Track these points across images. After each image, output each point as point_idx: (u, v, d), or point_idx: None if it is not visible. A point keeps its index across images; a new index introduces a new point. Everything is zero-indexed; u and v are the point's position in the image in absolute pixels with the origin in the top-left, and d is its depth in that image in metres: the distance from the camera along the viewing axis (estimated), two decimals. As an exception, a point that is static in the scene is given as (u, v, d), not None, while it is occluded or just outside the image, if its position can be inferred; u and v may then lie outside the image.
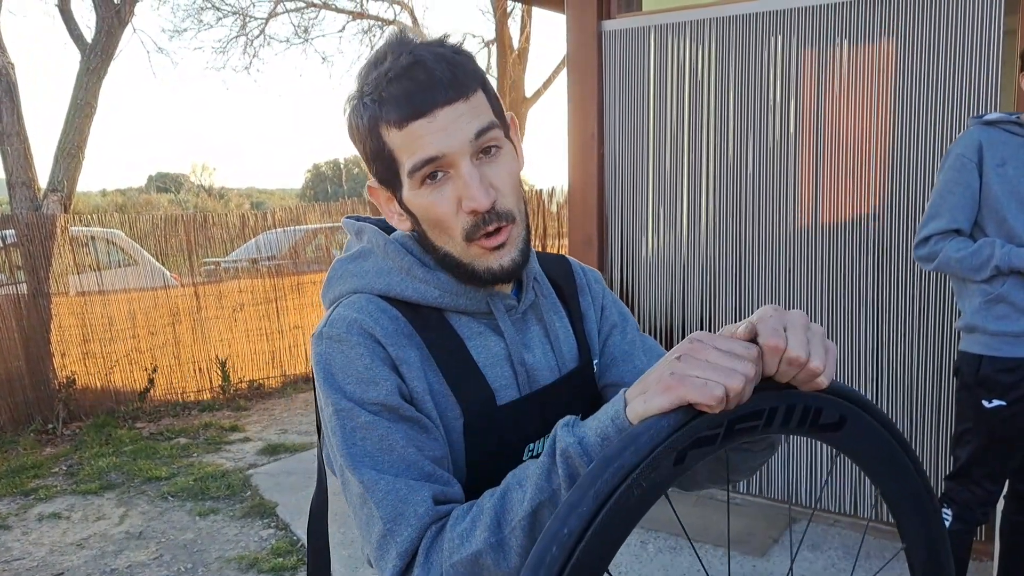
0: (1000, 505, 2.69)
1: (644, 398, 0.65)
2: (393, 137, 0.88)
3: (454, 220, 0.89)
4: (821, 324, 3.61)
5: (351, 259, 0.99)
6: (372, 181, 0.97)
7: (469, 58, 0.90)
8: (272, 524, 4.09)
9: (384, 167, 0.91)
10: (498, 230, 0.89)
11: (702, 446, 0.63)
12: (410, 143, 0.87)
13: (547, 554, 0.57)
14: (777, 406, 0.67)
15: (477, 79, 0.89)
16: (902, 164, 3.39)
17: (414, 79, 0.85)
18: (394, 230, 1.01)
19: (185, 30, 18.82)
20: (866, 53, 3.43)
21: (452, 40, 0.92)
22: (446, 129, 0.86)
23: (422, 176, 0.88)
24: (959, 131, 3.23)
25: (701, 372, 0.62)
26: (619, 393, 0.71)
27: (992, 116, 2.42)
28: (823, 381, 0.66)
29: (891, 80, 3.38)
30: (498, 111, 0.92)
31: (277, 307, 7.33)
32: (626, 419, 0.68)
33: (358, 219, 1.04)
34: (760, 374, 0.65)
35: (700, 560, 0.95)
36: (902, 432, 0.79)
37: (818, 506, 3.75)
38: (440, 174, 0.88)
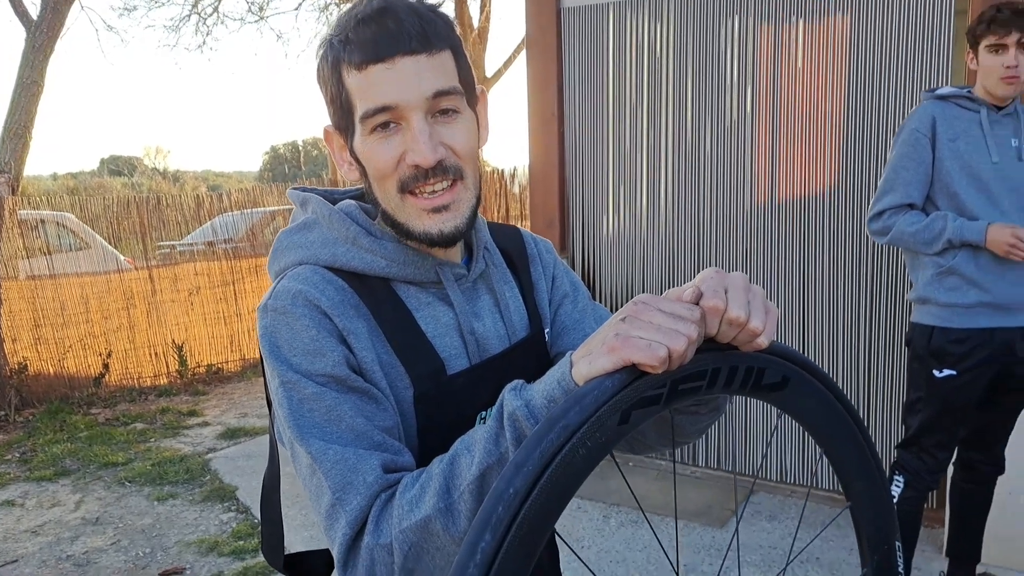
0: (950, 472, 2.76)
1: (589, 359, 0.65)
2: (352, 80, 0.87)
3: (393, 172, 0.88)
4: (777, 298, 3.67)
5: (296, 230, 0.98)
6: (329, 126, 0.95)
7: (445, 21, 0.89)
8: (232, 508, 4.05)
9: (340, 111, 0.91)
10: (444, 188, 0.89)
11: (646, 406, 0.63)
12: (366, 87, 0.86)
13: (493, 514, 0.57)
14: (720, 366, 0.67)
15: (447, 41, 0.88)
16: (856, 140, 3.44)
17: (381, 24, 0.84)
18: (339, 200, 1.00)
19: (135, 8, 18.22)
20: (821, 31, 3.45)
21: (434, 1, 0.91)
22: (404, 80, 0.85)
23: (373, 124, 0.87)
24: (911, 108, 3.28)
25: (645, 333, 0.62)
26: (566, 356, 0.70)
27: (945, 90, 2.45)
28: (763, 341, 0.66)
29: (845, 58, 3.41)
30: (466, 79, 0.91)
31: (235, 290, 7.22)
32: (572, 380, 0.68)
33: (304, 190, 1.02)
34: (703, 335, 0.64)
35: (652, 528, 0.95)
36: (848, 397, 0.80)
37: (774, 478, 3.81)
38: (392, 125, 0.87)
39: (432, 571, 0.76)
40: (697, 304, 0.65)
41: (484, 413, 0.95)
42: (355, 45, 0.85)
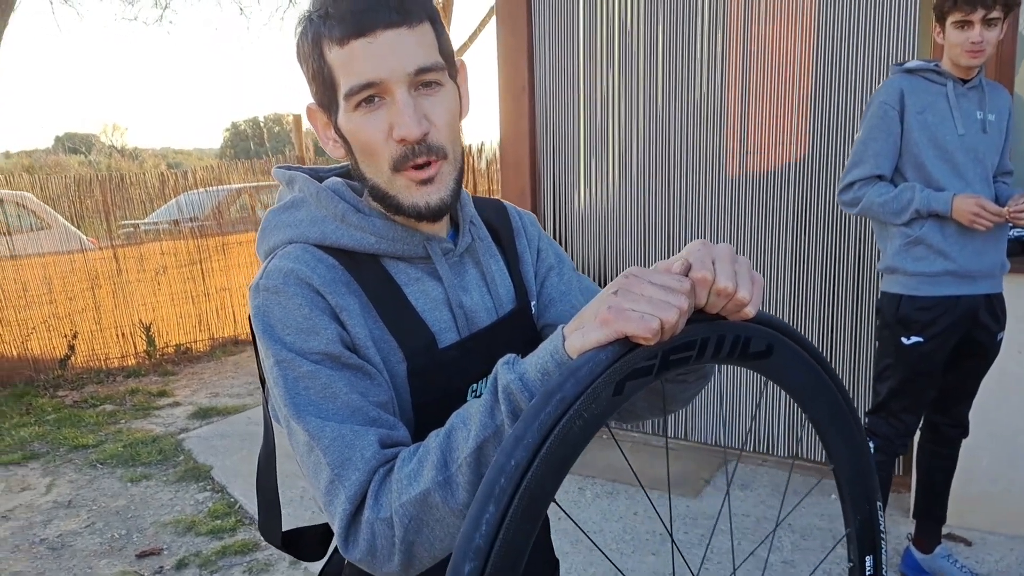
0: (917, 438, 2.83)
1: (582, 332, 0.66)
2: (334, 55, 0.87)
3: (383, 147, 0.88)
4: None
5: (284, 209, 0.97)
6: (312, 103, 0.95)
7: None
8: (208, 487, 4.04)
9: (323, 88, 0.90)
10: (428, 164, 0.89)
11: (639, 376, 0.65)
12: (349, 63, 0.86)
13: (495, 485, 0.58)
14: (708, 336, 0.68)
15: (426, 12, 0.88)
16: (825, 112, 3.47)
17: None
18: (325, 178, 0.99)
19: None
20: (790, 4, 3.47)
21: None
22: (386, 54, 0.85)
23: (357, 100, 0.87)
24: (879, 80, 3.32)
25: (637, 306, 0.63)
26: (557, 329, 0.71)
27: (912, 64, 2.48)
28: (750, 311, 0.67)
29: (814, 31, 3.44)
30: (446, 51, 0.91)
31: (202, 269, 7.13)
32: (565, 353, 0.69)
33: (289, 168, 1.01)
34: (692, 307, 0.66)
35: (649, 497, 0.98)
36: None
37: (747, 448, 3.89)
38: (376, 99, 0.87)
39: (432, 543, 0.77)
40: (686, 276, 0.66)
41: (476, 386, 0.96)
42: (335, 20, 0.85)
